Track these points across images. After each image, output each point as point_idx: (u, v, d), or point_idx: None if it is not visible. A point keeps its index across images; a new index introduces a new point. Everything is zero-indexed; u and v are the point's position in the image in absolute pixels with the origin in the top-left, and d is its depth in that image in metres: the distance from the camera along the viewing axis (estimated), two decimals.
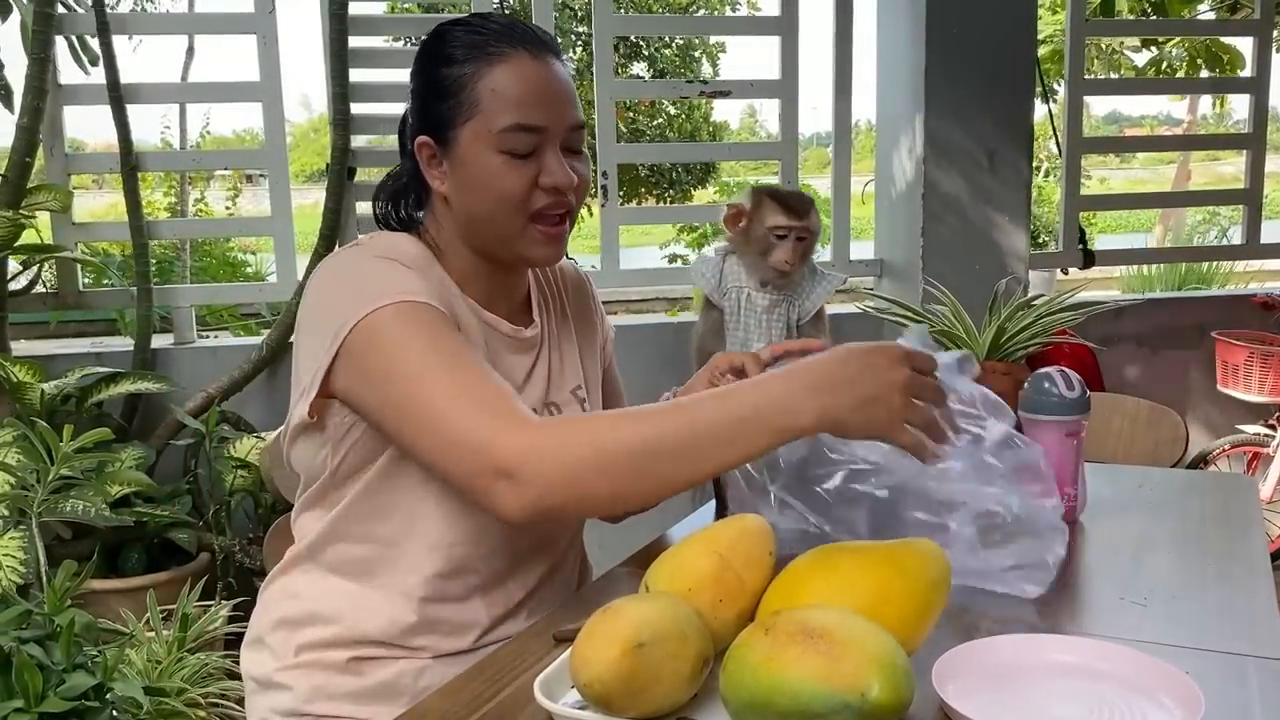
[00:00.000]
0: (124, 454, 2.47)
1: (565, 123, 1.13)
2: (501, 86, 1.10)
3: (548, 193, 1.13)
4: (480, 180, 1.12)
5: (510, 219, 1.13)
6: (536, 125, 1.11)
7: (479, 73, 1.11)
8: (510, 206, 1.12)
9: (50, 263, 2.85)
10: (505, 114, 1.10)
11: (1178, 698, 0.84)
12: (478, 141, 1.11)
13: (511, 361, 1.21)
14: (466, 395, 1.00)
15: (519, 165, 1.11)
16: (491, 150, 1.11)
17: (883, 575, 0.90)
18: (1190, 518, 1.38)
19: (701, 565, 0.95)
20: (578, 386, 1.29)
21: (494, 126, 1.10)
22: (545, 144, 1.12)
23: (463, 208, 1.15)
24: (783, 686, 0.76)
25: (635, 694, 0.81)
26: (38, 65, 2.62)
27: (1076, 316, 1.45)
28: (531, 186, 1.12)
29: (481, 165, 1.11)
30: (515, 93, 1.10)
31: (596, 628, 0.84)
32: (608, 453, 0.97)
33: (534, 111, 1.11)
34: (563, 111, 1.13)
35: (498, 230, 1.15)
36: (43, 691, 1.52)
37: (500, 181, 1.11)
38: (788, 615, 0.81)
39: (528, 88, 1.11)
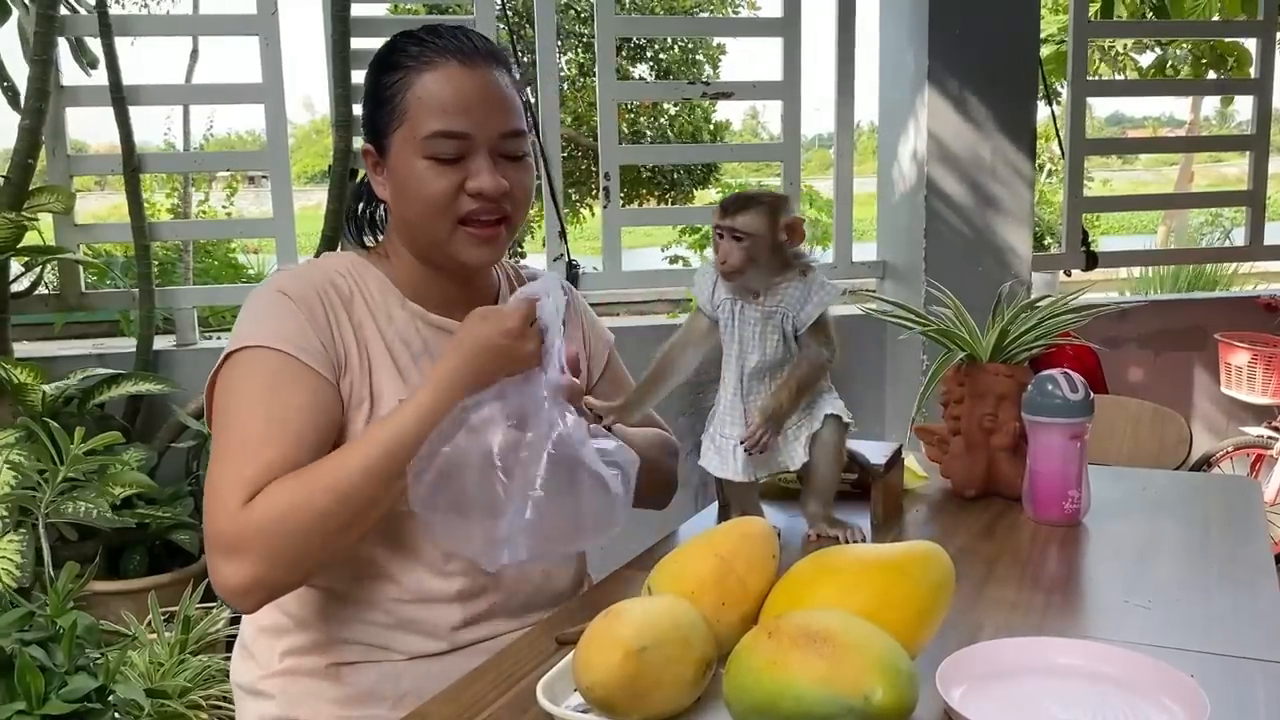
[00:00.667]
0: (126, 456, 2.46)
1: (494, 129, 1.15)
2: (427, 93, 1.13)
3: (474, 198, 1.14)
4: (408, 185, 1.15)
5: (437, 222, 1.16)
6: (460, 131, 1.13)
7: (408, 80, 1.14)
8: (435, 210, 1.15)
9: (52, 264, 2.85)
10: (429, 120, 1.13)
11: (1182, 701, 0.84)
12: (406, 147, 1.14)
13: None
14: (239, 457, 1.06)
15: (444, 170, 1.14)
16: (417, 156, 1.14)
17: (885, 578, 0.90)
18: (1194, 521, 1.38)
19: (704, 568, 0.95)
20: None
21: (419, 133, 1.13)
22: (472, 150, 1.14)
23: (398, 212, 1.19)
24: (786, 690, 0.75)
25: (638, 698, 0.81)
26: (40, 67, 2.62)
27: (1080, 318, 1.44)
28: (457, 191, 1.14)
29: (409, 170, 1.15)
30: (439, 99, 1.13)
31: (599, 631, 0.83)
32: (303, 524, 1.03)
33: (457, 118, 1.13)
34: (490, 118, 1.14)
35: (428, 234, 1.18)
36: (45, 693, 1.52)
37: (425, 186, 1.14)
38: (791, 618, 0.81)
39: (452, 94, 1.13)
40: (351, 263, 1.23)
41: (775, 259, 1.22)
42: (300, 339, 1.11)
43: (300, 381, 1.10)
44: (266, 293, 1.16)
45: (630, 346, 1.48)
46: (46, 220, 2.77)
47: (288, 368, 1.10)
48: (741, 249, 1.20)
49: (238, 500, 1.03)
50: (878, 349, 3.16)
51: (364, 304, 1.19)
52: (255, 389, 1.09)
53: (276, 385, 1.09)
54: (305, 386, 1.10)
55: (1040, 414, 1.33)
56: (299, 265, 1.23)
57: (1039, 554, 1.25)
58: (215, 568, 1.04)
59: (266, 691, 1.19)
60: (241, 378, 1.10)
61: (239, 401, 1.09)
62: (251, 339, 1.11)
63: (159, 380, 2.64)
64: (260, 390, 1.09)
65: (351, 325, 1.17)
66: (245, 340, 1.11)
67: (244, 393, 1.10)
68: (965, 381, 1.45)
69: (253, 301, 1.16)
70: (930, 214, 2.97)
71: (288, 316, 1.13)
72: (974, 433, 1.44)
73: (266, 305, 1.14)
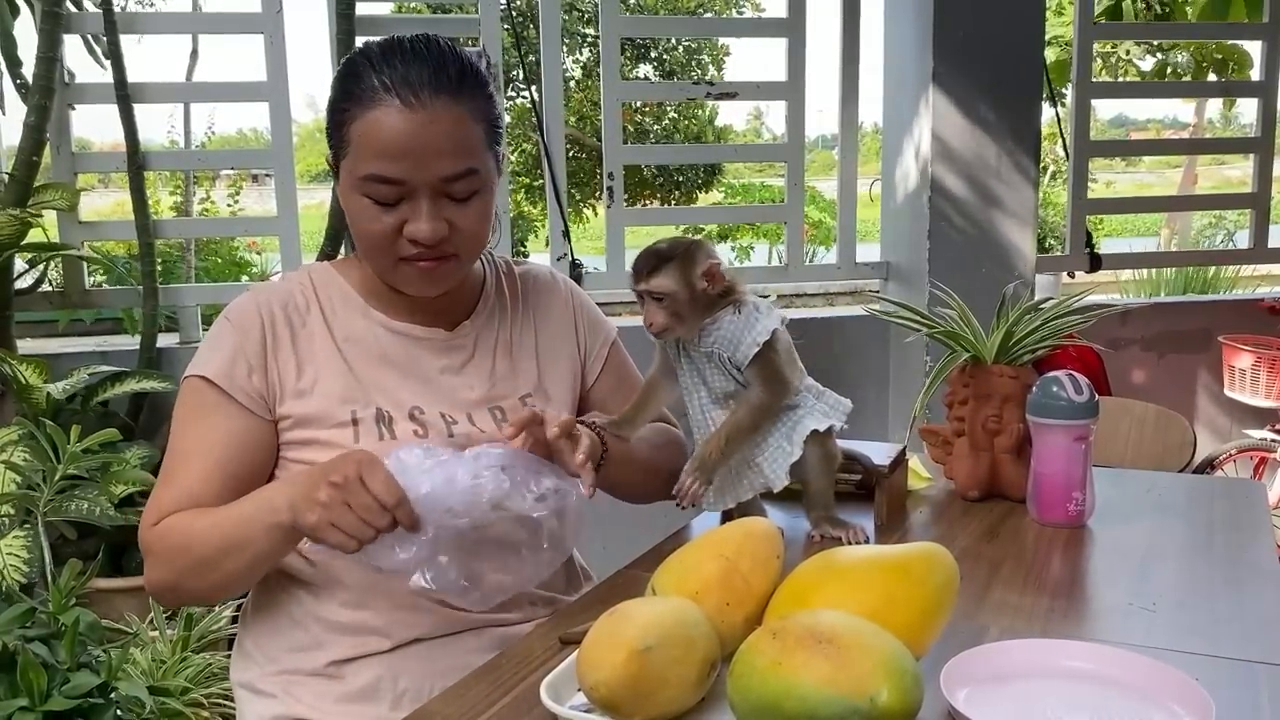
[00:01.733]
0: (129, 453, 2.46)
1: (433, 174, 1.10)
2: (367, 133, 1.11)
3: (411, 243, 1.13)
4: (351, 217, 1.17)
5: (378, 258, 1.17)
6: (394, 178, 1.10)
7: (353, 113, 1.12)
8: (374, 248, 1.16)
9: (56, 261, 2.85)
10: (366, 161, 1.11)
11: (1188, 704, 0.83)
12: (349, 179, 1.15)
13: (431, 362, 1.24)
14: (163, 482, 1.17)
15: (381, 212, 1.13)
16: (357, 193, 1.13)
17: (890, 579, 0.90)
18: (1199, 523, 1.38)
19: (708, 569, 0.95)
20: (528, 394, 1.28)
21: (357, 171, 1.12)
22: (411, 194, 1.12)
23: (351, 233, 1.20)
24: (791, 691, 0.75)
25: (642, 698, 0.81)
26: (45, 64, 2.62)
27: (1085, 320, 1.44)
28: (395, 233, 1.13)
29: (350, 203, 1.16)
30: (377, 142, 1.10)
31: (603, 631, 0.83)
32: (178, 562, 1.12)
33: (392, 165, 1.10)
34: (428, 165, 1.10)
35: (372, 263, 1.20)
36: (47, 690, 1.52)
37: (363, 224, 1.15)
38: (795, 619, 0.81)
39: (388, 140, 1.09)
40: (321, 273, 1.26)
41: (699, 307, 1.20)
42: (230, 369, 1.17)
43: (221, 413, 1.16)
44: (220, 317, 1.22)
45: (632, 346, 1.47)
46: (51, 218, 2.77)
47: (212, 399, 1.16)
48: (663, 309, 1.19)
49: (151, 519, 1.15)
50: (881, 350, 3.16)
51: (319, 316, 1.22)
52: (187, 415, 1.18)
53: (202, 414, 1.17)
54: (225, 418, 1.16)
55: (1045, 415, 1.33)
56: (261, 285, 1.28)
57: (1043, 556, 1.25)
58: (146, 574, 1.17)
59: (267, 690, 1.19)
60: (181, 403, 1.19)
61: (176, 425, 1.18)
62: (195, 367, 1.18)
63: (163, 378, 2.64)
64: (190, 417, 1.18)
65: (293, 344, 1.19)
66: (192, 367, 1.19)
67: (179, 418, 1.18)
68: (970, 383, 1.45)
69: (214, 325, 1.22)
70: (934, 215, 2.97)
71: (225, 345, 1.18)
72: (978, 434, 1.44)
73: (215, 332, 1.21)
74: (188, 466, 1.15)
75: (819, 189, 10.84)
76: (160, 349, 2.79)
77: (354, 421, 1.18)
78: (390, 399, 1.20)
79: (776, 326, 1.21)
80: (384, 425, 1.18)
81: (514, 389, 1.28)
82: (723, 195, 13.79)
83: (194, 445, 1.16)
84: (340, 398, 1.18)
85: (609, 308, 1.44)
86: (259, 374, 1.17)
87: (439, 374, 1.23)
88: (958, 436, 1.47)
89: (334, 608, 1.18)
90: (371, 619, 1.17)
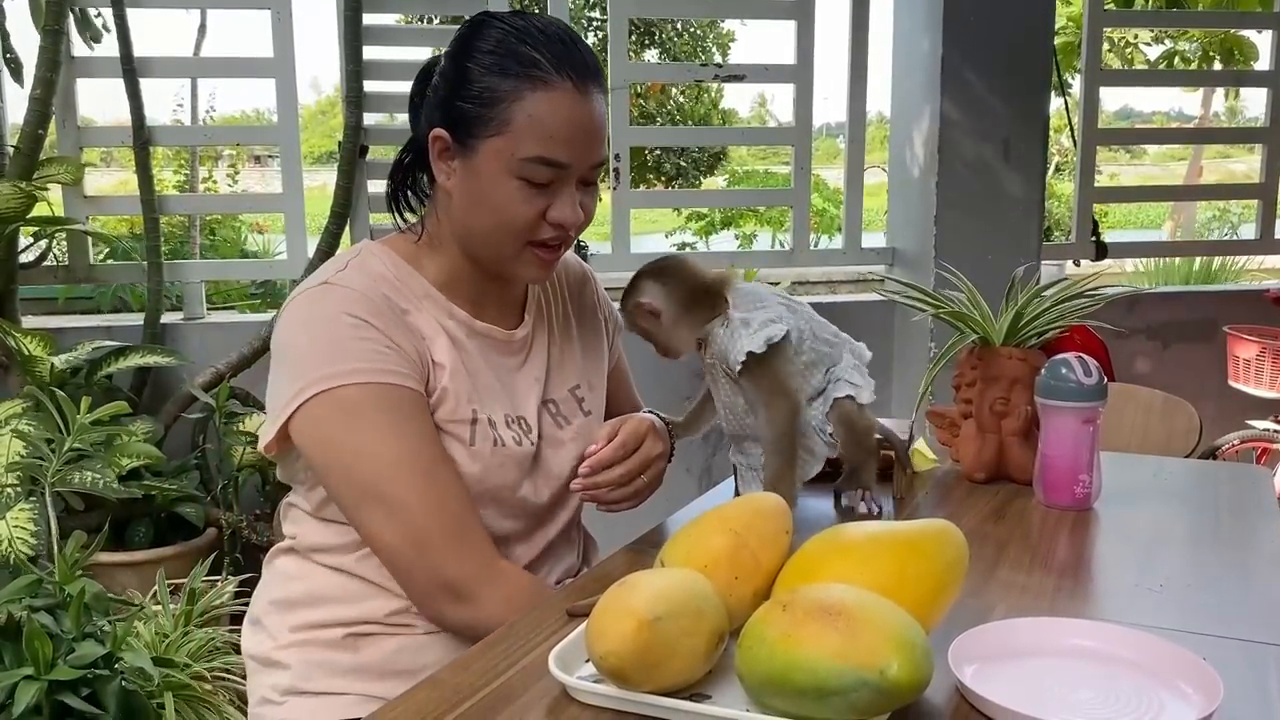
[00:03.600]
0: (134, 427, 2.47)
1: (589, 161, 1.12)
2: (539, 114, 1.07)
3: (553, 226, 1.12)
4: (490, 198, 1.11)
5: (509, 242, 1.13)
6: (561, 162, 1.09)
7: (518, 92, 1.07)
8: (513, 232, 1.12)
9: (61, 236, 2.84)
10: (534, 144, 1.08)
11: (1196, 684, 0.83)
12: (497, 160, 1.09)
13: (499, 363, 1.22)
14: (440, 505, 1.08)
15: (532, 195, 1.10)
16: (509, 174, 1.09)
17: (899, 555, 0.89)
18: (1206, 507, 1.38)
19: (717, 543, 0.94)
20: (576, 386, 1.29)
21: (519, 153, 1.08)
22: (564, 179, 1.11)
23: (464, 214, 1.14)
24: (800, 663, 0.75)
25: (650, 668, 0.81)
26: (51, 37, 2.61)
27: (1093, 304, 1.43)
28: (539, 218, 1.11)
29: (495, 184, 1.10)
30: (550, 125, 1.08)
31: (612, 601, 0.83)
32: None
33: (562, 148, 1.09)
34: (590, 150, 1.11)
35: (494, 249, 1.15)
36: (52, 659, 1.53)
37: (511, 206, 1.10)
38: (805, 592, 0.80)
39: (563, 122, 1.08)
40: (391, 264, 1.18)
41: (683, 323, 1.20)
42: (382, 362, 1.08)
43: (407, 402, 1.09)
44: (329, 318, 1.10)
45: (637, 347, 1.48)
46: (56, 193, 2.76)
47: (392, 396, 1.08)
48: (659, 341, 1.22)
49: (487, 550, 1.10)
50: (885, 334, 3.16)
51: (418, 310, 1.16)
52: (380, 426, 1.07)
53: (402, 421, 1.08)
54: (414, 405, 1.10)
55: (1053, 398, 1.32)
56: (340, 275, 1.14)
57: (1049, 538, 1.25)
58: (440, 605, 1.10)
59: (281, 661, 1.18)
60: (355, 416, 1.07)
61: (369, 443, 1.07)
62: (346, 377, 1.07)
63: (167, 353, 2.64)
64: (387, 427, 1.07)
65: (413, 328, 1.14)
66: (336, 379, 1.06)
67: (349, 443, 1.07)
68: (978, 365, 1.45)
69: (318, 330, 1.10)
70: (941, 201, 2.96)
71: (364, 341, 1.08)
72: (985, 416, 1.44)
73: (349, 334, 1.09)
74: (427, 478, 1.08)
75: (824, 177, 10.80)
76: (164, 325, 2.79)
77: (473, 420, 1.15)
78: (488, 406, 1.17)
79: (755, 349, 1.16)
80: (494, 429, 1.17)
81: (563, 382, 1.28)
82: (727, 181, 13.76)
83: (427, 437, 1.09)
84: (463, 393, 1.15)
85: (614, 292, 1.44)
86: (404, 351, 1.10)
87: (511, 375, 1.23)
88: (965, 419, 1.47)
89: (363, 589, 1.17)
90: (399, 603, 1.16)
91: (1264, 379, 3.30)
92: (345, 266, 1.16)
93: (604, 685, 0.83)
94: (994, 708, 0.80)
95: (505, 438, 1.17)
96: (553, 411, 1.25)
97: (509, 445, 1.17)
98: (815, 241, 9.93)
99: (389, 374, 1.08)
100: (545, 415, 1.24)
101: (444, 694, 0.87)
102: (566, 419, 1.26)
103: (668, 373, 1.52)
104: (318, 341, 1.10)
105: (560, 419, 1.25)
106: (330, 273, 1.15)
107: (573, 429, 1.26)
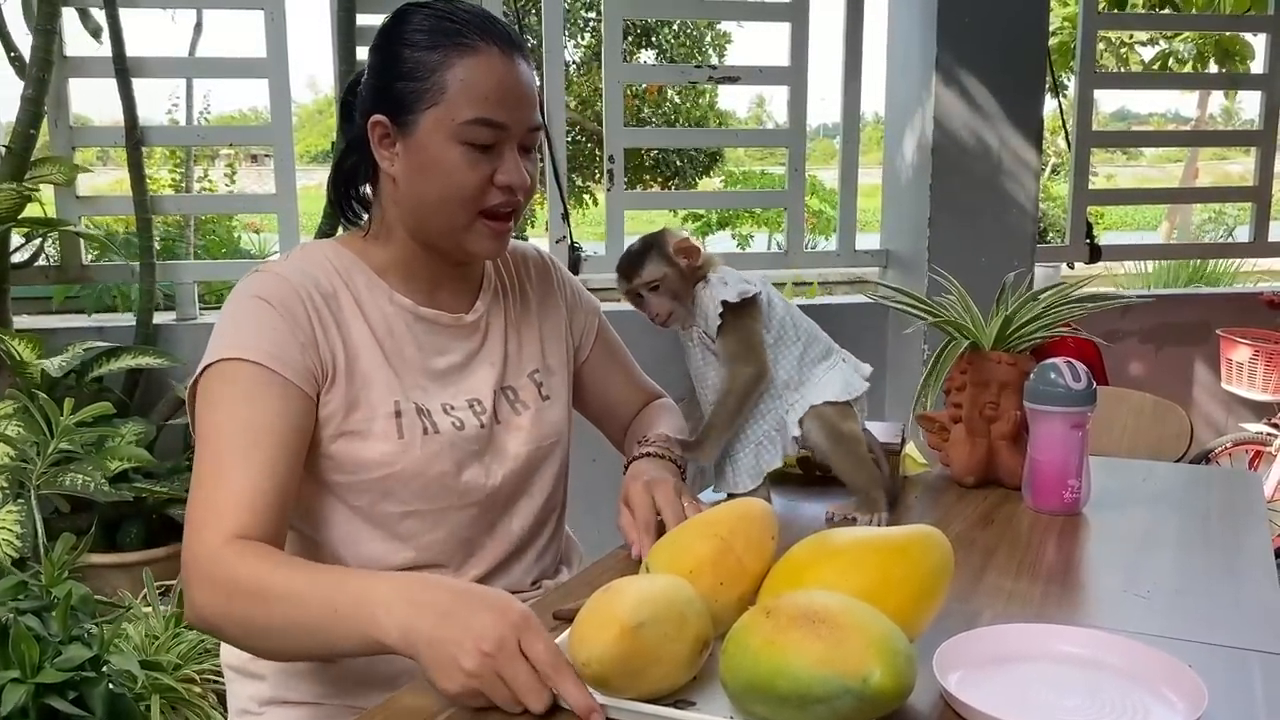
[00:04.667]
0: (124, 429, 2.46)
1: (526, 124, 1.14)
2: (471, 78, 1.10)
3: (501, 190, 1.14)
4: (436, 168, 1.12)
5: (459, 211, 1.14)
6: (500, 122, 1.12)
7: (448, 60, 1.10)
8: (462, 199, 1.13)
9: (54, 237, 2.83)
10: (471, 106, 1.10)
11: (1181, 691, 0.83)
12: (439, 130, 1.11)
13: (447, 346, 1.22)
14: (214, 480, 1.03)
15: (477, 159, 1.12)
16: (452, 140, 1.11)
17: (884, 561, 0.89)
18: (1195, 512, 1.38)
19: (703, 548, 0.94)
20: (535, 370, 1.29)
21: (458, 117, 1.10)
22: (505, 142, 1.13)
23: (412, 192, 1.15)
24: (784, 670, 0.75)
25: (633, 674, 0.80)
26: (44, 37, 2.60)
27: (1084, 309, 1.43)
28: (486, 182, 1.13)
29: (439, 153, 1.12)
30: (484, 86, 1.11)
31: (596, 607, 0.83)
32: (234, 613, 0.98)
33: (499, 109, 1.11)
34: (525, 113, 1.14)
35: (445, 220, 1.15)
36: (39, 662, 1.52)
37: (457, 173, 1.12)
38: (789, 599, 0.80)
39: (495, 83, 1.11)
40: (334, 254, 1.20)
41: (688, 285, 1.25)
42: (277, 349, 1.08)
43: (275, 395, 1.07)
44: (244, 299, 1.12)
45: (632, 330, 1.47)
46: (48, 193, 2.75)
47: (261, 381, 1.07)
48: (660, 296, 1.25)
49: (214, 535, 1.00)
50: (879, 337, 3.16)
51: (351, 300, 1.17)
52: (227, 402, 1.06)
53: (249, 399, 1.06)
54: (282, 400, 1.07)
55: (1042, 402, 1.32)
56: (276, 263, 1.18)
57: (1038, 543, 1.25)
58: (190, 594, 1.01)
59: (257, 672, 1.19)
60: (213, 391, 1.07)
61: (212, 415, 1.07)
62: (228, 350, 1.08)
63: (158, 354, 2.63)
64: (232, 404, 1.06)
65: (337, 326, 1.14)
66: (223, 352, 1.08)
67: (216, 406, 1.07)
68: (968, 369, 1.45)
69: (230, 309, 1.13)
70: (935, 203, 2.96)
71: (267, 325, 1.09)
72: (975, 420, 1.44)
73: (246, 312, 1.11)
74: (244, 458, 1.04)
75: (819, 178, 10.82)
76: (157, 325, 2.78)
77: (397, 413, 1.15)
78: (424, 391, 1.18)
79: (729, 298, 1.22)
80: (425, 418, 1.16)
81: (521, 368, 1.28)
82: (723, 183, 13.77)
83: (245, 434, 1.05)
84: (384, 387, 1.15)
85: (608, 292, 1.44)
86: (311, 352, 1.11)
87: (463, 360, 1.23)
88: (955, 423, 1.47)
89: None
90: None
91: (1257, 382, 3.30)
92: (286, 258, 1.20)
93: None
94: (979, 715, 0.79)
95: (442, 424, 1.17)
96: (510, 398, 1.25)
97: (445, 431, 1.16)
98: (812, 243, 9.95)
99: (274, 358, 1.08)
100: (502, 400, 1.24)
101: (426, 701, 0.86)
102: (525, 404, 1.26)
103: (662, 373, 1.52)
104: (224, 320, 1.12)
105: (519, 404, 1.26)
106: (270, 261, 1.20)
107: (531, 413, 1.26)
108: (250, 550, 0.99)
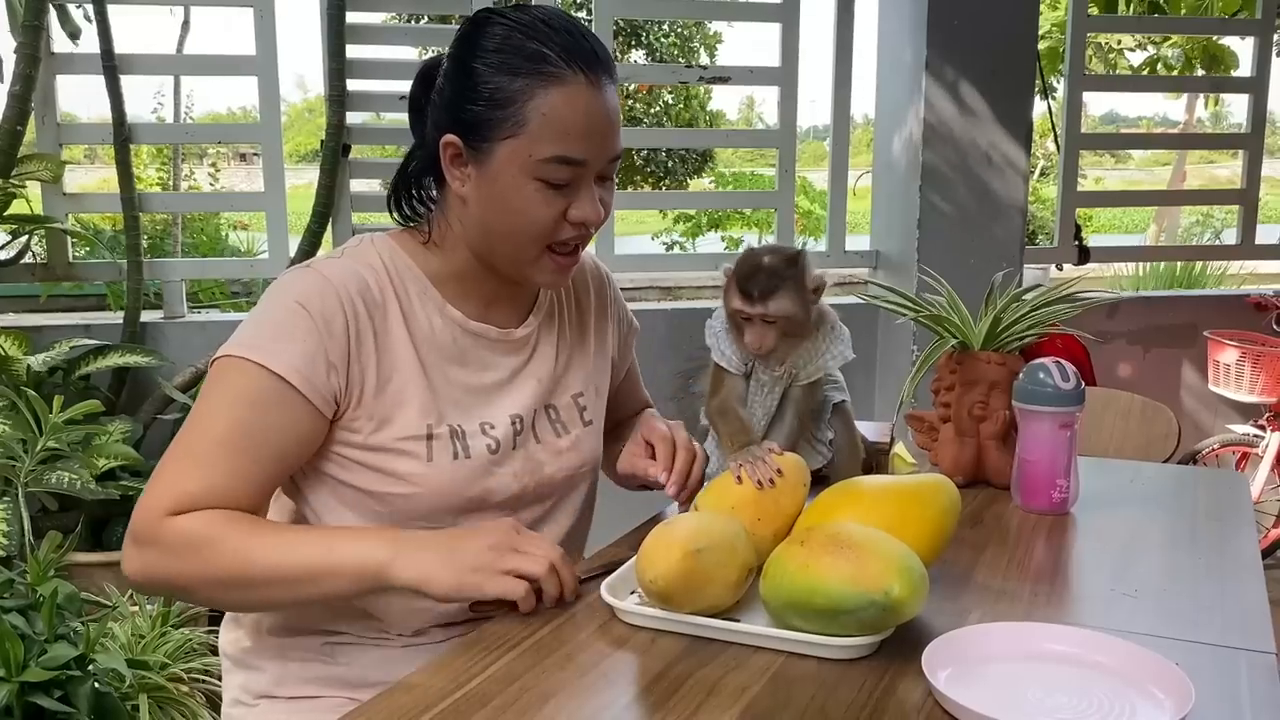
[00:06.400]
0: (111, 427, 2.45)
1: (607, 155, 1.09)
2: (554, 114, 1.03)
3: (574, 226, 1.09)
4: (509, 202, 1.07)
5: (529, 245, 1.10)
6: (579, 159, 1.06)
7: (530, 90, 1.03)
8: (533, 236, 1.09)
9: (40, 234, 2.82)
10: (552, 143, 1.04)
11: (1168, 689, 0.84)
12: (514, 162, 1.05)
13: (498, 362, 1.19)
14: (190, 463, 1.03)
15: (552, 196, 1.07)
16: (527, 176, 1.05)
17: (902, 502, 1.04)
18: (1182, 512, 1.38)
19: (744, 488, 1.10)
20: (580, 393, 1.25)
21: (536, 154, 1.04)
22: (583, 176, 1.08)
23: (480, 219, 1.10)
24: (818, 588, 0.89)
25: (692, 592, 0.95)
26: (30, 33, 2.59)
27: (1073, 309, 1.44)
28: (560, 219, 1.08)
29: (513, 187, 1.06)
30: (567, 122, 1.04)
31: (660, 535, 0.98)
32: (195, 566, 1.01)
33: (579, 145, 1.05)
34: (607, 145, 1.08)
35: (511, 250, 1.11)
36: (24, 661, 1.51)
37: (530, 209, 1.07)
38: (819, 529, 0.94)
39: (578, 119, 1.04)
40: (389, 254, 1.14)
41: (806, 324, 1.26)
42: (305, 364, 1.04)
43: (289, 412, 1.05)
44: (284, 299, 1.07)
45: None
46: (35, 191, 2.74)
47: (279, 394, 1.04)
48: (775, 330, 1.23)
49: (167, 504, 1.01)
50: (868, 337, 3.16)
51: (398, 310, 1.12)
52: (238, 402, 1.04)
53: (258, 406, 1.04)
54: (293, 419, 1.05)
55: (1031, 402, 1.33)
56: (325, 262, 1.12)
57: (1026, 542, 1.25)
58: (125, 550, 1.04)
59: (255, 665, 1.18)
60: (230, 383, 1.05)
61: (216, 407, 1.04)
62: (255, 353, 1.04)
63: (146, 353, 2.62)
64: (241, 406, 1.04)
65: (375, 342, 1.10)
66: (250, 352, 1.04)
67: (224, 398, 1.04)
68: (957, 369, 1.45)
69: (269, 305, 1.08)
70: (924, 205, 2.97)
71: (300, 335, 1.05)
72: (964, 420, 1.44)
73: (282, 317, 1.06)
74: (228, 459, 1.02)
75: (809, 179, 10.83)
76: (144, 324, 2.77)
77: (429, 436, 1.11)
78: (464, 413, 1.14)
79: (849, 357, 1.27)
80: (458, 441, 1.13)
81: (567, 387, 1.25)
82: (713, 183, 13.77)
83: (239, 435, 1.03)
84: (419, 408, 1.11)
85: None
86: (340, 374, 1.07)
87: (508, 377, 1.19)
88: (943, 422, 1.47)
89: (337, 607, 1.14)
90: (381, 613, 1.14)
91: (1244, 384, 3.32)
92: (340, 255, 1.14)
93: (647, 608, 0.98)
94: (967, 713, 0.80)
95: (475, 447, 1.14)
96: (552, 417, 1.22)
97: (477, 455, 1.13)
98: (802, 244, 9.95)
99: (301, 377, 1.04)
100: (543, 419, 1.21)
101: (416, 697, 0.86)
102: (565, 427, 1.23)
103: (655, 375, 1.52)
104: (256, 313, 1.09)
105: (559, 425, 1.22)
106: (321, 258, 1.14)
107: (571, 438, 1.23)
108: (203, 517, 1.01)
